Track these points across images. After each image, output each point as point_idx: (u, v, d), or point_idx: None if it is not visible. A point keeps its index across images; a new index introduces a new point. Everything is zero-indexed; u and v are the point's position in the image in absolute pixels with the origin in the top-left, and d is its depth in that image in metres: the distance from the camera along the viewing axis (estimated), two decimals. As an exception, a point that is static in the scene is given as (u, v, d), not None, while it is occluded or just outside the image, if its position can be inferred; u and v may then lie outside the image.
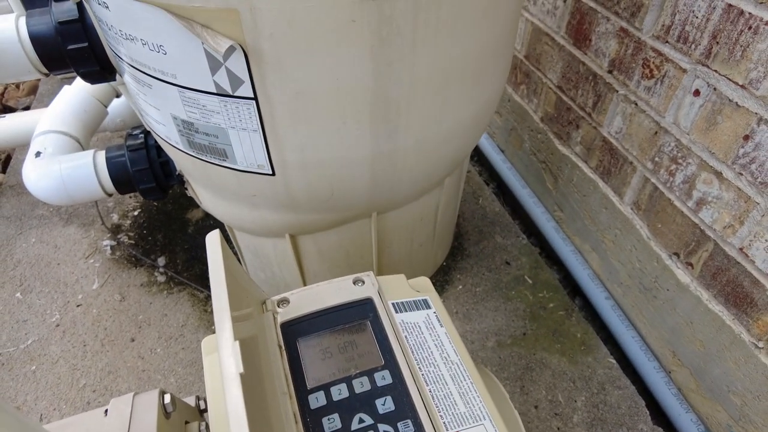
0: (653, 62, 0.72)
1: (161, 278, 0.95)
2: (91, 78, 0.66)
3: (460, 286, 0.94)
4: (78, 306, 0.91)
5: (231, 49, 0.45)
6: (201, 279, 0.95)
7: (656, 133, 0.75)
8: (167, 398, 0.45)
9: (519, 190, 1.12)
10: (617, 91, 0.81)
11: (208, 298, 0.91)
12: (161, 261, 0.98)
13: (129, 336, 0.86)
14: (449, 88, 0.56)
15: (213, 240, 0.33)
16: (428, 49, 0.50)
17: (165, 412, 0.44)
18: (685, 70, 0.68)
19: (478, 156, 1.31)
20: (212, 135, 0.55)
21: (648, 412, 0.78)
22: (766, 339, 0.65)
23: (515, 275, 0.96)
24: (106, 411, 0.44)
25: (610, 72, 0.82)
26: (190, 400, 0.55)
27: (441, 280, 0.95)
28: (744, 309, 0.67)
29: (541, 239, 1.07)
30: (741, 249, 0.66)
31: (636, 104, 0.78)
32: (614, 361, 0.84)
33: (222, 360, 0.28)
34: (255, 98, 0.49)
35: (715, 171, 0.66)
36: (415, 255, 0.85)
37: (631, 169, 0.82)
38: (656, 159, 0.76)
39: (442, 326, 0.44)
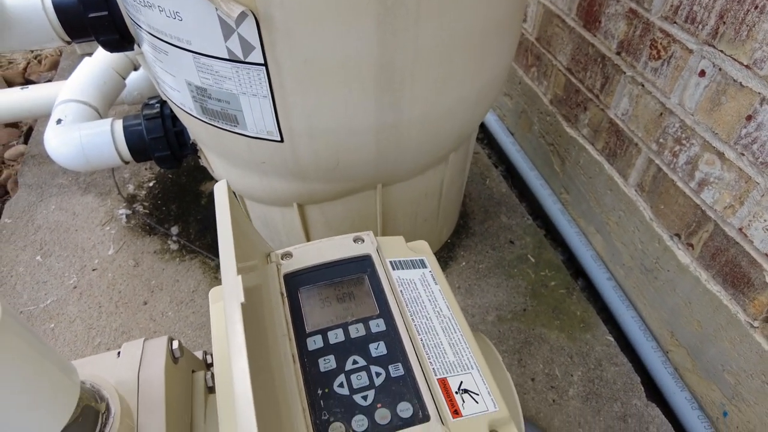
0: (661, 43, 0.73)
1: (174, 246, 0.99)
2: (111, 46, 0.69)
3: (464, 263, 0.96)
4: (94, 270, 0.95)
5: (243, 15, 0.47)
6: (212, 248, 0.98)
7: (661, 114, 0.76)
8: (175, 344, 0.48)
9: (527, 173, 1.13)
10: (625, 73, 0.81)
11: (219, 266, 0.94)
12: (174, 230, 1.01)
13: (142, 299, 0.90)
14: (453, 62, 0.57)
15: (221, 187, 0.35)
16: (432, 21, 0.51)
17: (173, 357, 0.47)
18: (691, 51, 0.68)
19: (487, 139, 1.32)
20: (224, 101, 0.57)
21: (643, 389, 0.80)
22: (762, 318, 0.67)
23: (519, 254, 0.98)
24: (119, 353, 0.47)
25: (618, 54, 0.82)
26: (198, 355, 0.58)
27: (445, 256, 0.97)
28: (741, 289, 0.68)
29: (547, 221, 1.09)
30: (740, 229, 0.67)
31: (642, 86, 0.78)
32: (612, 339, 0.86)
33: (225, 292, 0.30)
34: (265, 64, 0.51)
35: (718, 151, 0.67)
36: (419, 230, 0.87)
37: (636, 151, 0.83)
38: (661, 140, 0.77)
39: (436, 284, 0.46)
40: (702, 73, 0.67)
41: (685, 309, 0.79)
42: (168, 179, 1.13)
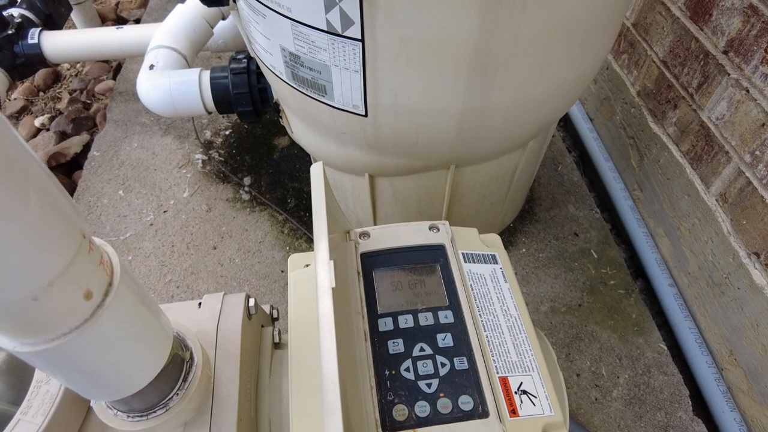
0: (777, 48, 0.67)
1: (245, 196, 1.03)
2: (209, 1, 0.70)
3: (524, 249, 0.95)
4: (165, 212, 1.01)
5: (348, -10, 0.47)
6: (281, 203, 1.01)
7: (764, 124, 0.71)
8: (251, 302, 0.51)
9: (601, 163, 1.09)
10: (729, 75, 0.76)
11: (286, 221, 0.98)
12: (247, 180, 1.05)
13: (212, 244, 0.95)
14: (552, 51, 0.55)
15: (317, 170, 0.37)
16: (538, 9, 0.50)
17: (248, 314, 0.51)
18: (811, 62, 0.63)
19: (564, 121, 1.28)
20: (316, 71, 0.58)
21: (691, 402, 0.79)
22: (836, 354, 0.64)
23: (581, 247, 0.96)
24: (200, 304, 0.50)
25: (725, 53, 0.77)
26: (265, 308, 0.61)
27: (505, 240, 0.97)
28: (818, 320, 0.65)
29: (615, 216, 1.06)
30: (830, 259, 0.63)
31: (747, 91, 0.73)
32: (665, 347, 0.84)
33: (317, 274, 0.32)
34: (362, 40, 0.52)
35: (821, 174, 0.63)
36: (484, 212, 0.87)
37: (726, 159, 0.78)
38: (757, 153, 0.72)
39: (506, 282, 0.46)
40: (819, 88, 0.62)
41: (751, 330, 0.76)
42: (244, 129, 1.17)
